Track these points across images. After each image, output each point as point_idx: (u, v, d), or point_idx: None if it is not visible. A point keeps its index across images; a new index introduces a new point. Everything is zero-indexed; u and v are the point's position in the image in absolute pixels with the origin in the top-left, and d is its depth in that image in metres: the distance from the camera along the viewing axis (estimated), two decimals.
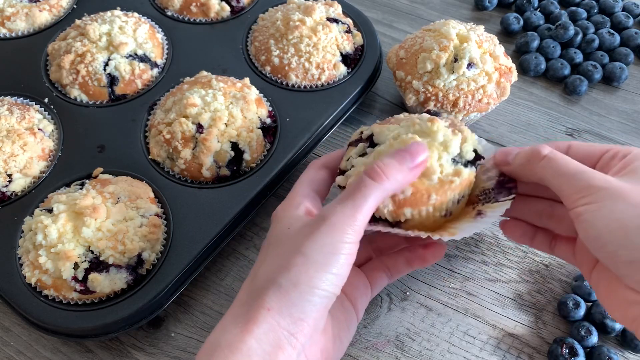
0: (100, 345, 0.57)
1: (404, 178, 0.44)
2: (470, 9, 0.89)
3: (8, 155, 0.60)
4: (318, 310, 0.41)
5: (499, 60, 0.66)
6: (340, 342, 0.48)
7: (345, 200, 0.42)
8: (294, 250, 0.41)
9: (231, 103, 0.63)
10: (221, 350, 0.38)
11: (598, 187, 0.41)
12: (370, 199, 0.42)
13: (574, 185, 0.42)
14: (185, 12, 0.77)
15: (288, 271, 0.40)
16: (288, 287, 0.40)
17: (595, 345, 0.55)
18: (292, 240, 0.42)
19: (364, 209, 0.42)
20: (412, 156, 0.44)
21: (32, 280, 0.53)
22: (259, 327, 0.39)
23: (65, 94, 0.68)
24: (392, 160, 0.44)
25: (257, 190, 0.61)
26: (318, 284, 0.40)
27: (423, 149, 0.45)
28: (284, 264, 0.41)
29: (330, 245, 0.41)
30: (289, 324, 0.40)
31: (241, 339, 0.38)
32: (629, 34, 0.81)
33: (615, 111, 0.76)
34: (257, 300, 0.40)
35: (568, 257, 0.51)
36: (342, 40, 0.71)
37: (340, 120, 0.70)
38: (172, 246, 0.56)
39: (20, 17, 0.74)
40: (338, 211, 0.42)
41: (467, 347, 0.56)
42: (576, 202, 0.42)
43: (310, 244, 0.41)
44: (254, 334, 0.39)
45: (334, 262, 0.41)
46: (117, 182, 0.59)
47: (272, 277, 0.41)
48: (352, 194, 0.42)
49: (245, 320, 0.39)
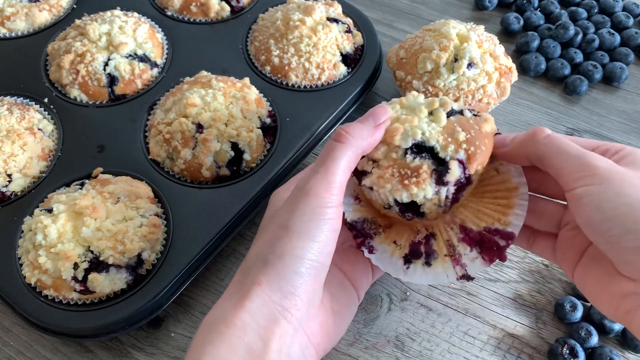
0: (100, 345, 0.57)
1: (369, 134, 0.45)
2: (470, 8, 0.89)
3: (8, 155, 0.60)
4: (307, 282, 0.41)
5: (499, 60, 0.66)
6: (342, 318, 0.48)
7: (317, 167, 0.43)
8: (277, 225, 0.42)
9: (231, 103, 0.63)
10: (216, 326, 0.39)
11: (601, 168, 0.39)
12: (339, 159, 0.43)
13: (575, 163, 0.40)
14: (185, 12, 0.77)
15: (273, 245, 0.41)
16: (274, 260, 0.40)
17: (596, 346, 0.55)
18: (276, 217, 0.43)
19: (336, 170, 0.43)
20: (374, 117, 0.46)
21: (32, 280, 0.53)
22: (252, 302, 0.39)
23: (65, 94, 0.68)
24: (355, 123, 0.45)
25: (257, 190, 0.61)
26: (302, 253, 0.40)
27: (384, 109, 0.47)
28: (270, 239, 0.42)
29: (310, 213, 0.41)
30: (281, 298, 0.40)
31: (235, 314, 0.39)
32: (629, 34, 0.81)
33: (616, 111, 0.76)
34: (247, 277, 0.41)
35: (547, 253, 0.50)
36: (342, 40, 0.71)
37: (340, 120, 0.69)
38: (172, 246, 0.56)
39: (20, 17, 0.74)
40: (312, 178, 0.42)
41: (467, 347, 0.56)
42: (575, 182, 0.40)
43: (291, 216, 0.41)
44: (247, 309, 0.39)
45: (316, 230, 0.41)
46: (117, 182, 0.59)
47: (259, 254, 0.42)
48: (322, 160, 0.43)
49: (239, 296, 0.40)
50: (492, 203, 0.48)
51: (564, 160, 0.41)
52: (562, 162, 0.41)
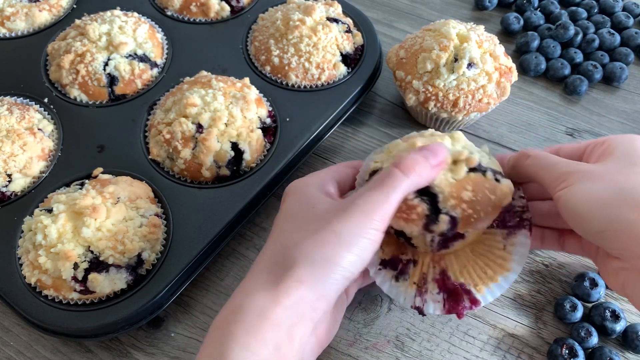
0: (100, 345, 0.57)
1: (428, 174, 0.46)
2: (470, 8, 0.88)
3: (8, 155, 0.60)
4: (337, 290, 0.43)
5: (499, 60, 0.66)
6: (336, 320, 0.50)
7: (374, 189, 0.44)
8: (326, 228, 0.42)
9: (231, 103, 0.63)
10: (249, 315, 0.39)
11: (570, 173, 0.46)
12: (398, 190, 0.44)
13: (552, 174, 0.47)
14: (185, 11, 0.77)
15: (322, 247, 0.41)
16: (321, 262, 0.41)
17: (596, 346, 0.55)
18: (323, 218, 0.43)
19: (392, 199, 0.43)
20: (434, 156, 0.46)
21: (32, 280, 0.53)
22: (289, 298, 0.40)
23: (65, 94, 0.68)
24: (418, 156, 0.45)
25: (257, 190, 0.61)
26: (344, 263, 0.42)
27: (444, 150, 0.47)
28: (318, 240, 0.42)
29: (359, 228, 0.42)
30: (313, 300, 0.41)
31: (270, 308, 0.40)
32: (629, 34, 0.81)
33: (616, 111, 0.76)
34: (288, 271, 0.41)
35: (578, 250, 0.54)
36: (342, 40, 0.71)
37: (340, 120, 0.69)
38: (172, 246, 0.56)
39: (20, 17, 0.74)
40: (367, 198, 0.43)
41: (467, 347, 0.56)
42: (555, 188, 0.46)
43: (342, 224, 0.42)
44: (283, 305, 0.40)
45: (360, 245, 0.42)
46: (117, 182, 0.59)
47: (304, 251, 0.42)
48: (380, 184, 0.44)
49: (275, 289, 0.40)
50: (481, 267, 0.50)
51: (545, 174, 0.48)
52: (543, 176, 0.48)
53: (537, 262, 0.61)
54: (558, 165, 0.47)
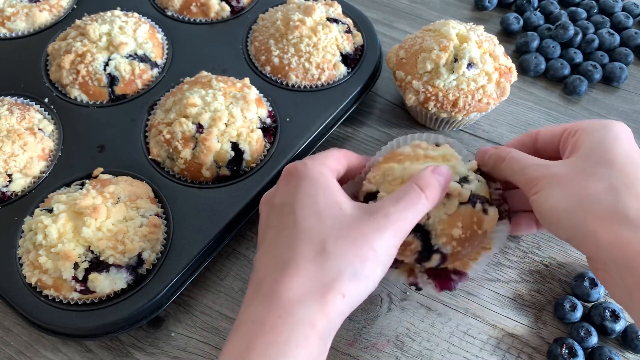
0: (100, 345, 0.57)
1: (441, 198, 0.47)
2: (470, 9, 0.89)
3: (8, 155, 0.60)
4: (362, 301, 0.43)
5: (499, 60, 0.66)
6: None
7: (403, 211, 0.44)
8: (365, 244, 0.42)
9: (231, 103, 0.63)
10: (303, 326, 0.39)
11: (539, 178, 0.47)
12: (417, 215, 0.45)
13: (524, 179, 0.48)
14: (185, 12, 0.77)
15: (363, 263, 0.42)
16: (363, 280, 0.42)
17: (595, 346, 0.55)
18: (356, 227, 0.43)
19: (413, 222, 0.45)
20: (446, 181, 0.48)
21: (32, 280, 0.53)
22: (335, 311, 0.41)
23: (65, 94, 0.68)
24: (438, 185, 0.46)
25: (257, 190, 0.61)
26: (376, 279, 0.43)
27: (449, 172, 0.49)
28: (361, 255, 0.42)
29: (390, 247, 0.44)
30: (345, 312, 0.42)
31: (319, 319, 0.40)
32: (629, 34, 0.81)
33: (615, 111, 0.76)
34: (334, 283, 0.41)
35: None
36: (342, 40, 0.71)
37: (340, 120, 0.70)
38: (172, 246, 0.56)
39: (20, 17, 0.74)
40: (398, 216, 0.44)
41: (467, 347, 0.56)
42: (529, 192, 0.47)
43: (378, 242, 0.43)
44: (329, 318, 0.41)
45: (388, 263, 0.44)
46: (117, 182, 0.59)
47: (348, 265, 0.42)
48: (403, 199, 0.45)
49: (322, 299, 0.40)
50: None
51: (518, 179, 0.49)
52: (517, 181, 0.50)
53: (537, 262, 0.62)
54: (529, 169, 0.48)
